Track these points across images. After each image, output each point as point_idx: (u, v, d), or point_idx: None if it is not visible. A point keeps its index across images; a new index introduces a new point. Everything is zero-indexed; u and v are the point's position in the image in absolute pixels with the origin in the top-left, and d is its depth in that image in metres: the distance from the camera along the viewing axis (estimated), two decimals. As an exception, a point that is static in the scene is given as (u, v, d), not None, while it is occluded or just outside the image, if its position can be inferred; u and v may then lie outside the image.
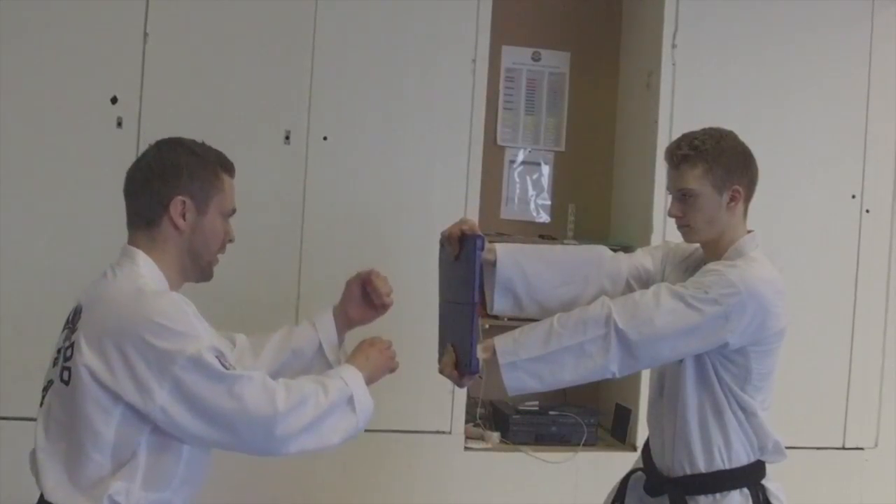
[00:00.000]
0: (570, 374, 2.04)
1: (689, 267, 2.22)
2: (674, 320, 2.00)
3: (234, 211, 1.91)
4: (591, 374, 2.06)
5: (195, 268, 1.87)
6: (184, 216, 1.80)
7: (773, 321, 2.06)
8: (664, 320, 2.00)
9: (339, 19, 3.21)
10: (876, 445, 3.60)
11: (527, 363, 2.04)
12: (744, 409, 2.11)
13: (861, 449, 3.59)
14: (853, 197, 3.58)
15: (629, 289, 2.23)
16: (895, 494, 3.55)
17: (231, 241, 1.90)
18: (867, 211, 3.58)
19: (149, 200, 1.80)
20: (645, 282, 2.24)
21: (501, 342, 2.07)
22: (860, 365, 3.57)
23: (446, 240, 2.17)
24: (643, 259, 2.31)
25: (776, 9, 3.50)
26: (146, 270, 1.78)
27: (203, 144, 1.88)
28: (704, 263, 2.15)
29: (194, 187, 1.81)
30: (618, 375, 2.06)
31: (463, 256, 2.13)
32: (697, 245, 2.24)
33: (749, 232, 2.17)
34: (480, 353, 2.04)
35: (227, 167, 1.88)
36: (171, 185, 1.79)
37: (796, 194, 3.50)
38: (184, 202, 1.79)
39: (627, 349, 2.01)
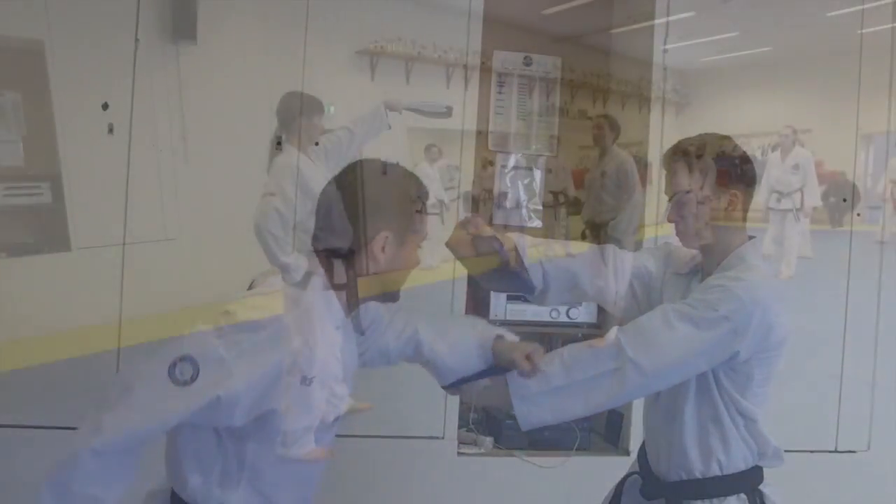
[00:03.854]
0: (582, 408, 2.01)
1: (690, 272, 2.20)
2: (687, 346, 1.97)
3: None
4: (604, 406, 2.04)
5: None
6: (383, 249, 1.77)
7: (777, 327, 2.04)
8: (678, 347, 1.97)
9: (331, 23, 3.21)
10: (868, 448, 3.60)
11: (538, 396, 2.01)
12: (743, 415, 2.08)
13: (853, 452, 3.60)
14: (844, 200, 3.58)
15: (631, 289, 2.22)
16: (888, 497, 3.55)
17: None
18: (858, 215, 3.59)
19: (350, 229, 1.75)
20: (647, 284, 2.22)
21: (514, 374, 2.04)
22: (852, 367, 3.58)
23: (460, 246, 2.13)
24: (646, 260, 2.28)
25: (767, 14, 3.50)
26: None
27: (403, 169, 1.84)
28: (703, 268, 2.14)
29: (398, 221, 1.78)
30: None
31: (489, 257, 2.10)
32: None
33: (751, 238, 2.14)
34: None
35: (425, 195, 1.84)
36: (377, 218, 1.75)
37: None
38: (386, 237, 1.76)
39: (642, 379, 1.98)
